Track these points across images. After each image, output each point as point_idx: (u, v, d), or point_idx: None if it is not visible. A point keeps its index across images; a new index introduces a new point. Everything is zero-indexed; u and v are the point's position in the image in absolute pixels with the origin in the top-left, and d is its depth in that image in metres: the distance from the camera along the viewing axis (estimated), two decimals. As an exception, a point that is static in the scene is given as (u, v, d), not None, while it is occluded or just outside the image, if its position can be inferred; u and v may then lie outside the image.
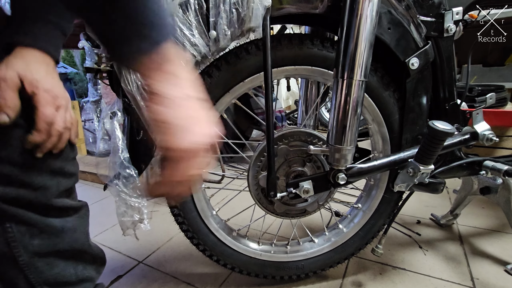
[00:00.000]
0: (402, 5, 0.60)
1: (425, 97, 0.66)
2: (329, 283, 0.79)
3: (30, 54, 0.41)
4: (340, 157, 0.56)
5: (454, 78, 0.68)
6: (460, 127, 0.72)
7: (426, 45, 0.61)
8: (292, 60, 0.61)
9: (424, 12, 0.62)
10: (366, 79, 0.52)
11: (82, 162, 1.96)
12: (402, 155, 0.62)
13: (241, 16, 0.53)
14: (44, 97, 0.40)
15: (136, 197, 0.56)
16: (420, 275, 0.79)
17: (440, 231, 0.99)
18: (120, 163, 0.54)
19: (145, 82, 0.32)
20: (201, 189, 0.69)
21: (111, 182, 0.57)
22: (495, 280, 0.75)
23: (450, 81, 0.68)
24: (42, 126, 0.40)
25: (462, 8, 0.61)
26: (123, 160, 0.54)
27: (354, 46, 0.50)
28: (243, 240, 0.75)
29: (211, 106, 0.61)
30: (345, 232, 0.77)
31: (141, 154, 0.58)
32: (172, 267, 0.90)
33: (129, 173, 0.54)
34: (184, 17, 0.52)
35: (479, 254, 0.86)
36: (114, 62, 0.52)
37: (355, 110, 0.53)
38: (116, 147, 0.55)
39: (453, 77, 0.68)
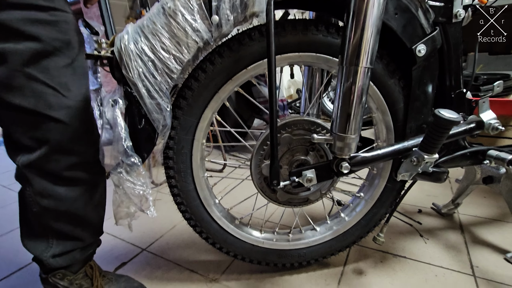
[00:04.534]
0: (410, -11, 0.58)
1: (431, 85, 0.64)
2: (330, 271, 0.80)
3: None
4: (344, 145, 0.55)
5: (460, 66, 0.67)
6: (466, 115, 0.71)
7: (433, 31, 0.60)
8: (296, 47, 0.60)
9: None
10: (372, 66, 0.51)
11: (84, 151, 1.95)
12: (406, 144, 0.62)
13: (244, 0, 0.51)
14: None
15: (141, 185, 0.56)
16: (421, 263, 0.80)
17: (441, 220, 0.99)
18: (123, 151, 0.54)
19: None
20: (204, 178, 0.69)
21: (114, 171, 0.57)
22: (494, 268, 0.76)
23: (457, 69, 0.67)
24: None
25: (472, -7, 0.59)
26: (126, 149, 0.54)
27: (360, 33, 0.48)
28: (245, 228, 0.76)
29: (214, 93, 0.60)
30: (347, 220, 0.77)
31: (143, 142, 0.58)
32: (176, 255, 0.91)
33: (133, 161, 0.54)
34: (186, 1, 0.51)
35: (479, 242, 0.87)
36: None
37: (360, 98, 0.52)
38: (119, 135, 0.54)
39: (459, 64, 0.67)
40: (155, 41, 0.52)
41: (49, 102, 0.53)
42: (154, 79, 0.54)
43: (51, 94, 0.53)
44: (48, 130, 0.54)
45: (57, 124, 0.54)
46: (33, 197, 0.58)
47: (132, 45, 0.52)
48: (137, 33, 0.53)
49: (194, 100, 0.60)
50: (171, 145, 0.62)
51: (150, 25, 0.52)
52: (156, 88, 0.54)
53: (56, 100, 0.53)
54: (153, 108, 0.55)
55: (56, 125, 0.54)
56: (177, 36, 0.52)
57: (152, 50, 0.53)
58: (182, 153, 0.63)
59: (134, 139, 0.57)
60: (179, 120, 0.61)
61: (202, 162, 0.68)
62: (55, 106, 0.53)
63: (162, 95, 0.55)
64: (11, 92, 0.50)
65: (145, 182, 0.56)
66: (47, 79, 0.52)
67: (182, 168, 0.64)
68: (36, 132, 0.54)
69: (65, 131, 0.55)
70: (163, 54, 0.53)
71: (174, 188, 0.66)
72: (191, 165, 0.65)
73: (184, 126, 0.61)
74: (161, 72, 0.54)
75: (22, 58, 0.48)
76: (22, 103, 0.51)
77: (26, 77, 0.50)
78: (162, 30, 0.52)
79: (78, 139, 0.58)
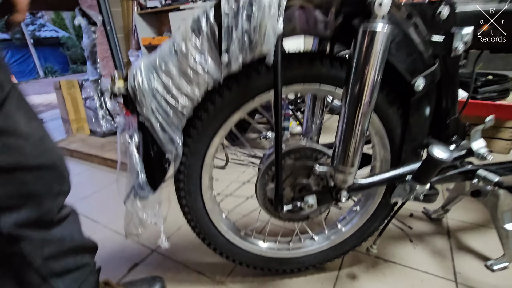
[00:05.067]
0: (410, 24, 0.59)
1: (427, 114, 0.68)
2: (326, 275, 0.88)
3: None
4: (344, 178, 0.60)
5: (456, 94, 0.70)
6: (459, 139, 0.75)
7: (433, 66, 0.62)
8: (302, 79, 0.62)
9: (433, 30, 0.62)
10: (372, 109, 0.54)
11: (87, 143, 1.99)
12: (401, 171, 0.67)
13: (253, 41, 0.53)
14: None
15: (153, 216, 0.60)
16: (409, 268, 0.88)
17: (431, 225, 1.06)
18: (138, 185, 0.58)
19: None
20: (212, 196, 0.74)
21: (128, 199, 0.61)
22: (475, 275, 0.84)
23: (453, 97, 0.70)
24: (21, 6, 0.53)
25: (473, 27, 0.61)
26: (140, 183, 0.58)
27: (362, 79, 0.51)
28: (250, 239, 0.82)
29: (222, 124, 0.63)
30: (344, 231, 0.84)
31: (156, 171, 0.62)
32: (184, 256, 0.98)
33: (147, 194, 0.58)
34: (197, 43, 0.53)
35: (463, 248, 0.94)
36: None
37: (360, 138, 0.56)
38: (134, 169, 0.58)
39: (456, 93, 0.70)
40: (167, 80, 0.55)
41: (24, 152, 0.50)
42: (167, 115, 0.57)
43: (24, 142, 0.50)
44: (31, 180, 0.51)
45: (35, 171, 0.52)
46: (33, 252, 0.54)
47: (145, 84, 0.55)
48: (150, 71, 0.55)
49: (204, 130, 0.63)
50: (181, 170, 0.67)
51: (163, 65, 0.55)
52: (169, 123, 0.58)
53: (29, 146, 0.50)
54: (166, 141, 0.59)
55: (37, 173, 0.52)
56: (188, 76, 0.55)
57: (164, 89, 0.55)
58: (192, 177, 0.68)
59: (148, 168, 0.61)
60: (189, 148, 0.64)
61: (210, 182, 0.72)
62: (28, 153, 0.50)
63: (175, 129, 0.58)
64: None
65: (157, 214, 0.61)
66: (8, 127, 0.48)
67: (192, 190, 0.69)
68: (19, 188, 0.50)
69: (46, 174, 0.53)
70: (175, 92, 0.56)
71: (185, 207, 0.71)
72: (201, 186, 0.70)
73: (194, 153, 0.65)
74: (173, 108, 0.57)
75: None
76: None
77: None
78: (174, 70, 0.54)
79: (58, 176, 0.56)
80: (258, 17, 0.51)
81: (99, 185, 1.56)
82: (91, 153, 1.80)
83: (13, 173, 0.49)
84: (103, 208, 1.34)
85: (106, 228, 1.18)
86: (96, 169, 1.76)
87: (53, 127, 2.75)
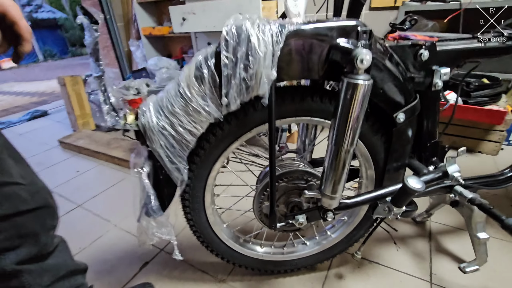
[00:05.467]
0: (393, 64, 0.65)
1: (408, 140, 0.75)
2: (316, 274, 0.98)
3: None
4: (330, 202, 0.68)
5: (436, 122, 0.77)
6: (438, 161, 0.82)
7: (413, 101, 0.68)
8: (294, 113, 0.69)
9: (414, 69, 0.67)
10: (354, 147, 0.61)
11: (94, 140, 2.07)
12: (382, 192, 0.75)
13: (249, 87, 0.60)
14: (14, 10, 0.48)
15: (166, 233, 0.69)
16: (390, 269, 0.98)
17: (415, 228, 1.16)
18: (152, 210, 0.66)
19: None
20: (214, 210, 0.83)
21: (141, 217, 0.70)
22: (449, 276, 0.94)
23: (433, 125, 0.77)
24: (27, 34, 0.51)
25: (449, 69, 0.66)
26: (153, 208, 0.66)
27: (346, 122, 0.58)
28: (248, 245, 0.92)
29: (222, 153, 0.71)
30: (333, 238, 0.93)
31: (165, 194, 0.70)
32: (189, 256, 1.09)
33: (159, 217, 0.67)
34: (199, 89, 0.60)
35: (442, 251, 1.04)
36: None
37: (343, 170, 0.63)
38: (149, 198, 0.66)
39: (436, 122, 0.76)
40: (173, 119, 0.62)
41: (22, 198, 0.56)
42: (173, 148, 0.64)
43: (20, 189, 0.56)
44: (28, 222, 0.57)
45: (32, 213, 0.58)
46: (34, 282, 0.61)
47: (154, 122, 0.62)
48: (158, 111, 0.62)
49: (206, 157, 0.71)
50: (187, 191, 0.75)
51: (169, 106, 0.61)
52: (175, 155, 0.65)
53: (25, 191, 0.57)
54: (173, 170, 0.67)
55: (33, 214, 0.58)
56: (192, 116, 0.62)
57: (171, 127, 0.62)
58: (196, 196, 0.76)
59: (158, 191, 0.69)
60: (194, 172, 0.72)
61: (212, 199, 0.81)
62: (25, 198, 0.56)
63: (180, 159, 0.66)
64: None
65: (170, 231, 0.70)
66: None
67: (196, 207, 0.78)
68: (18, 230, 0.56)
69: (40, 213, 0.60)
70: (180, 129, 0.63)
71: (190, 220, 0.81)
72: (204, 203, 0.78)
73: (198, 176, 0.73)
74: (179, 143, 0.64)
75: None
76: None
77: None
78: (179, 110, 0.61)
79: (51, 213, 0.64)
80: (254, 67, 0.57)
81: (107, 183, 1.66)
82: (98, 151, 1.89)
83: (12, 219, 0.55)
84: (113, 207, 1.44)
85: (117, 228, 1.29)
86: (104, 166, 1.85)
87: (59, 120, 2.82)
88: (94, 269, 1.07)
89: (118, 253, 1.14)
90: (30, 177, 0.61)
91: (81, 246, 1.19)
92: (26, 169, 0.62)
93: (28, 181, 0.59)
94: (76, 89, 2.23)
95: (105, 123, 2.41)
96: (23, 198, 0.57)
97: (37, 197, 0.60)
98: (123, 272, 1.05)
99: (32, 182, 0.61)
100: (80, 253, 1.16)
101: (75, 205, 1.48)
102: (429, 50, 0.65)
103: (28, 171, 0.62)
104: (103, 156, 1.89)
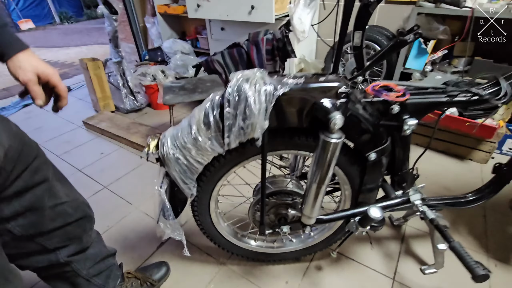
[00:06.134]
0: (368, 114, 0.78)
1: (380, 172, 0.89)
2: (300, 265, 1.19)
3: (26, 54, 0.62)
4: (308, 220, 0.85)
5: (407, 157, 0.90)
6: (408, 186, 0.97)
7: (384, 143, 0.82)
8: (284, 147, 0.84)
9: (386, 119, 0.80)
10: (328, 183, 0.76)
11: (114, 123, 2.27)
12: (351, 213, 0.91)
13: (246, 132, 0.74)
14: (56, 77, 0.64)
15: (178, 235, 0.89)
16: (362, 265, 1.18)
17: (391, 230, 1.33)
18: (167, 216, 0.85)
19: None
20: (217, 213, 1.02)
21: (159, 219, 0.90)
22: (410, 275, 1.13)
23: (404, 158, 0.90)
24: (64, 93, 0.68)
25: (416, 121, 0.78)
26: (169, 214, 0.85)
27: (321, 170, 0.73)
28: (244, 239, 1.12)
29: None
30: (315, 238, 1.12)
31: (179, 205, 0.89)
32: (196, 240, 1.32)
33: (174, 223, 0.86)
34: (207, 132, 0.75)
35: (410, 253, 1.22)
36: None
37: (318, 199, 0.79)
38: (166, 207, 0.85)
39: (406, 155, 0.90)
40: (185, 152, 0.78)
41: (68, 213, 0.77)
42: (185, 173, 0.82)
43: (66, 206, 0.76)
44: (74, 229, 0.79)
45: (76, 222, 0.79)
46: (80, 267, 0.84)
47: (171, 154, 0.79)
48: (174, 145, 0.79)
49: (212, 178, 0.88)
50: (196, 200, 0.94)
51: (183, 142, 0.78)
52: (186, 177, 0.83)
53: (70, 207, 0.78)
54: (184, 187, 0.85)
55: (77, 223, 0.79)
56: (200, 151, 0.78)
57: (184, 157, 0.79)
58: (203, 204, 0.95)
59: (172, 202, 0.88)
60: (201, 188, 0.90)
61: (216, 205, 1.00)
62: (70, 213, 0.77)
63: (190, 181, 0.84)
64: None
65: (180, 234, 0.89)
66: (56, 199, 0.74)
67: (202, 212, 0.97)
68: (67, 235, 0.77)
69: (82, 222, 0.81)
70: (190, 159, 0.79)
71: (198, 220, 1.00)
72: (209, 209, 0.97)
73: (204, 191, 0.91)
74: (189, 169, 0.81)
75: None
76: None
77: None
78: (190, 146, 0.77)
79: (89, 220, 0.85)
80: (250, 120, 0.71)
81: (128, 167, 1.88)
82: (119, 135, 2.09)
83: (63, 228, 0.76)
84: (134, 190, 1.67)
85: (137, 210, 1.53)
86: (125, 150, 2.07)
87: (81, 97, 3.01)
88: (120, 245, 1.32)
89: (139, 233, 1.38)
90: (73, 194, 0.80)
91: (108, 225, 1.44)
92: (68, 187, 0.81)
93: (71, 198, 0.79)
94: (98, 73, 2.39)
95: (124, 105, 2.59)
96: (69, 213, 0.77)
97: (79, 210, 0.80)
98: (144, 249, 1.29)
99: (74, 198, 0.80)
100: (108, 231, 1.41)
101: (102, 186, 1.72)
102: (400, 105, 0.76)
103: (70, 189, 0.81)
104: (123, 140, 2.10)
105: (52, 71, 0.64)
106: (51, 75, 0.64)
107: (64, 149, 2.12)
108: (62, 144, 2.19)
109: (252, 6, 2.11)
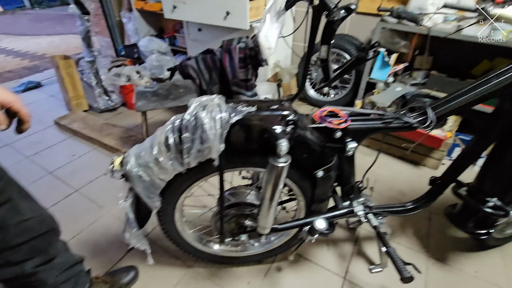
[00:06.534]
0: (314, 137, 0.87)
1: (328, 186, 1.00)
2: (261, 266, 1.29)
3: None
4: (263, 230, 0.95)
5: (353, 173, 1.01)
6: (355, 197, 1.08)
7: (330, 162, 0.92)
8: (240, 165, 0.92)
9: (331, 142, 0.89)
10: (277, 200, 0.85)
11: (87, 124, 2.26)
12: (302, 223, 1.01)
13: (205, 153, 0.82)
14: (18, 103, 0.67)
15: (142, 245, 0.96)
16: (317, 265, 1.30)
17: (347, 232, 1.46)
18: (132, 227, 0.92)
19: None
20: (182, 221, 1.09)
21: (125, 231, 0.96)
22: (359, 274, 1.26)
23: (350, 174, 1.01)
24: (27, 118, 0.70)
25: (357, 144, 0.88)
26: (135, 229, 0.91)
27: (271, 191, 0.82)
28: (209, 244, 1.21)
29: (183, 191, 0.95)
30: (275, 242, 1.22)
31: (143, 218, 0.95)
32: (164, 243, 1.38)
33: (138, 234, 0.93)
34: (167, 154, 0.81)
35: (361, 254, 1.35)
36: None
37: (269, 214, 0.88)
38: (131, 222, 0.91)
39: (352, 171, 1.00)
40: (148, 171, 0.84)
41: (33, 228, 0.80)
42: (149, 189, 0.88)
43: (31, 222, 0.79)
44: (40, 242, 0.83)
45: (41, 236, 0.82)
46: (47, 277, 0.86)
47: (134, 171, 0.85)
48: (137, 163, 0.84)
49: (174, 192, 0.95)
50: (161, 210, 1.00)
51: (145, 161, 0.84)
52: (150, 193, 0.89)
53: (35, 222, 0.81)
54: (149, 201, 0.91)
55: (42, 237, 0.82)
56: (162, 169, 0.84)
57: (146, 175, 0.85)
58: (168, 215, 1.02)
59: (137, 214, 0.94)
60: (166, 200, 0.97)
61: (181, 215, 1.07)
62: (36, 228, 0.81)
63: (154, 195, 0.90)
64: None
65: (144, 243, 0.96)
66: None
67: (168, 221, 1.04)
68: (33, 247, 0.81)
69: (47, 235, 0.85)
70: (153, 177, 0.86)
71: (164, 229, 1.07)
72: (174, 219, 1.04)
73: (168, 203, 0.98)
74: (152, 185, 0.87)
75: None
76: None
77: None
78: (152, 165, 0.84)
79: (55, 232, 0.90)
80: (207, 143, 0.78)
81: (100, 169, 1.89)
82: (91, 137, 2.09)
83: (28, 243, 0.79)
84: (106, 193, 1.70)
85: (109, 214, 1.56)
86: (98, 152, 2.07)
87: (53, 94, 2.93)
88: (90, 249, 1.36)
89: (109, 237, 1.43)
90: (37, 210, 0.84)
91: (79, 229, 1.47)
92: (32, 203, 0.84)
93: (36, 213, 0.82)
94: (70, 72, 2.35)
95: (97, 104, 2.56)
96: (34, 228, 0.81)
97: (44, 224, 0.84)
98: (113, 254, 1.34)
99: (39, 214, 0.84)
100: (78, 235, 1.44)
101: (73, 189, 1.73)
102: (342, 130, 0.86)
103: (34, 205, 0.84)
104: (96, 142, 2.10)
105: (13, 98, 0.67)
106: (13, 102, 0.67)
107: (34, 150, 2.09)
108: (32, 144, 2.15)
109: (228, 12, 2.15)
